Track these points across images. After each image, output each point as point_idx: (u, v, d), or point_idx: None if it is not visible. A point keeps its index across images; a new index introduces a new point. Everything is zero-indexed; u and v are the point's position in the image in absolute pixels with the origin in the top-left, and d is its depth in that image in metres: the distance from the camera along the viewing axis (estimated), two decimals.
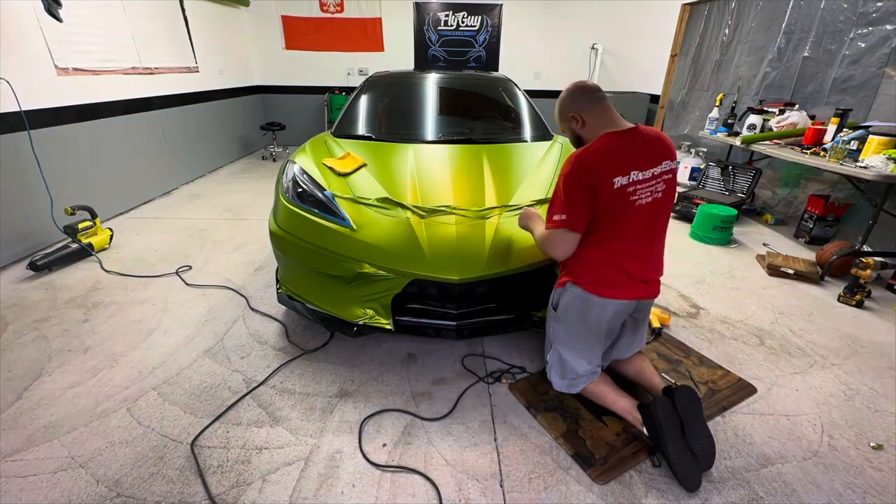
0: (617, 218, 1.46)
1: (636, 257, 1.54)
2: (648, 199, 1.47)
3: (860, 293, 2.59)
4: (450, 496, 1.41)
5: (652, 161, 1.46)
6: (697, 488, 1.44)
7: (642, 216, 1.48)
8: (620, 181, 1.41)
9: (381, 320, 1.85)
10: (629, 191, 1.43)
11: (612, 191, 1.41)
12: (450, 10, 6.49)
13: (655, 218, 1.52)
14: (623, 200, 1.44)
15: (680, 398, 1.52)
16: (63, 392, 1.82)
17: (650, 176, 1.45)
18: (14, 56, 2.91)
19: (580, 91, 1.55)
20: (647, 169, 1.45)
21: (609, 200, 1.43)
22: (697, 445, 1.46)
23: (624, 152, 1.43)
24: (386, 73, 3.65)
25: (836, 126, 3.06)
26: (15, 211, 2.94)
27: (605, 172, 1.41)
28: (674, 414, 1.49)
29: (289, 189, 2.16)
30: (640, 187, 1.44)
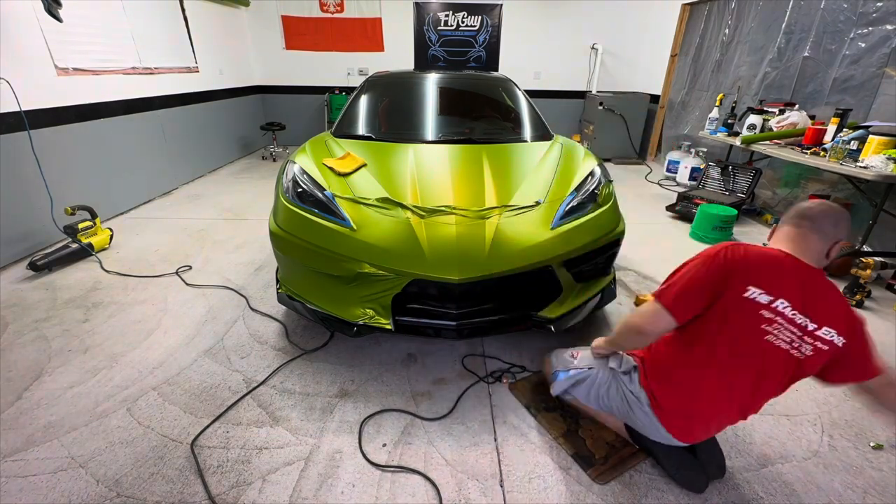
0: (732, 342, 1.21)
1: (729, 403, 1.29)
2: (784, 345, 1.18)
3: (860, 293, 2.58)
4: (450, 496, 1.41)
5: (811, 309, 1.17)
6: (702, 491, 1.44)
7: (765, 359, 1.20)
8: (756, 295, 1.16)
9: (381, 320, 1.85)
10: (762, 314, 1.17)
11: (741, 299, 1.17)
12: (450, 10, 6.49)
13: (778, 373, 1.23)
14: (748, 320, 1.18)
15: None
16: (63, 392, 1.82)
17: (800, 323, 1.16)
18: (14, 56, 2.91)
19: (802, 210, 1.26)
20: (800, 311, 1.16)
21: (728, 307, 1.19)
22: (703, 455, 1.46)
23: (784, 275, 1.18)
24: (386, 73, 3.65)
25: (836, 126, 3.06)
26: (15, 211, 2.94)
27: (743, 276, 1.18)
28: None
29: (289, 189, 2.16)
30: (779, 322, 1.17)
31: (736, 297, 1.18)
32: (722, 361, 1.24)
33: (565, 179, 2.25)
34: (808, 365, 1.20)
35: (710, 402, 1.29)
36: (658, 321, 1.27)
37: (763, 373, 1.23)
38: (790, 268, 1.19)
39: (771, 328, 1.17)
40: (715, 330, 1.22)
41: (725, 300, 1.19)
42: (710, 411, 1.31)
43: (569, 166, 2.39)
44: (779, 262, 1.19)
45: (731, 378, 1.25)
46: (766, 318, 1.17)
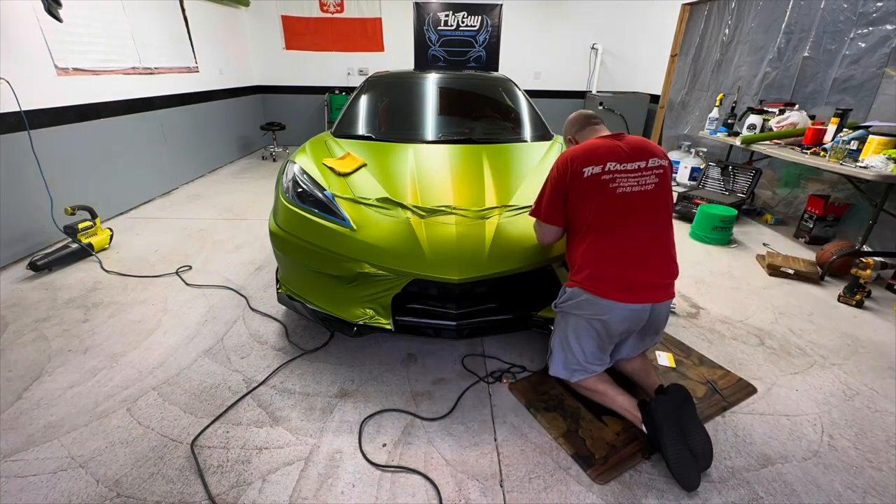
0: (601, 208, 1.55)
1: (639, 253, 1.55)
2: (635, 188, 1.54)
3: (860, 293, 2.59)
4: (450, 496, 1.41)
5: (634, 156, 1.56)
6: (696, 487, 1.44)
7: (628, 204, 1.55)
8: (592, 170, 1.54)
9: (381, 320, 1.85)
10: (604, 178, 1.54)
11: (583, 180, 1.55)
12: (450, 10, 6.49)
13: (648, 209, 1.57)
14: (599, 188, 1.54)
15: (675, 398, 1.53)
16: (63, 392, 1.82)
17: (634, 168, 1.55)
18: (14, 56, 2.91)
19: (575, 117, 1.83)
20: (628, 162, 1.55)
21: (581, 189, 1.56)
22: (695, 444, 1.46)
23: (602, 149, 1.58)
24: (386, 73, 3.65)
25: (836, 126, 3.06)
26: (15, 211, 2.94)
27: (577, 165, 1.56)
28: (674, 414, 1.50)
29: (289, 189, 2.16)
30: (621, 176, 1.54)
31: (580, 182, 1.56)
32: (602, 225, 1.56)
33: None
34: (660, 191, 1.59)
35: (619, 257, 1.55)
36: (549, 233, 1.72)
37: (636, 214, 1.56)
38: (604, 143, 1.61)
39: (615, 184, 1.54)
40: (583, 209, 1.58)
41: (575, 188, 1.57)
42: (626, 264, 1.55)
43: None
44: (593, 145, 1.62)
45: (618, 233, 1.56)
46: (607, 178, 1.54)
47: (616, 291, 1.54)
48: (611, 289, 1.54)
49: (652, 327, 1.69)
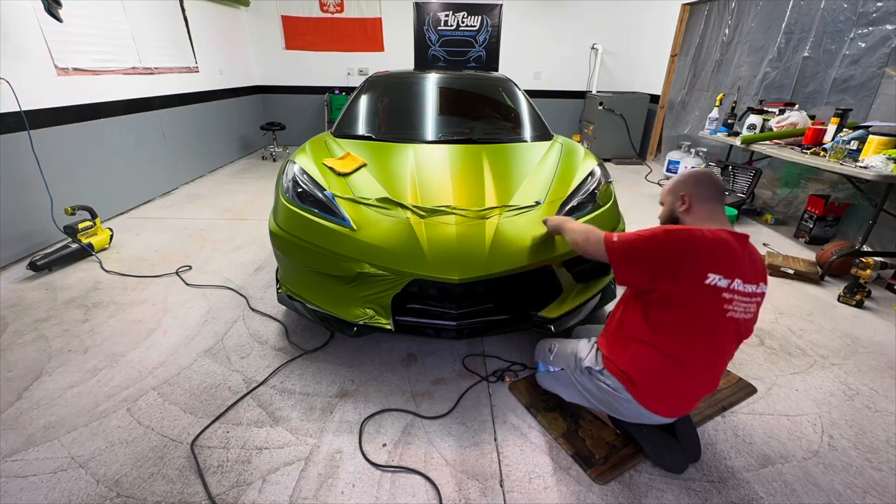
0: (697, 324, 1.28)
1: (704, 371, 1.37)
2: (741, 315, 1.28)
3: (860, 293, 2.59)
4: (450, 496, 1.41)
5: (755, 276, 1.29)
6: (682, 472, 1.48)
7: (729, 330, 1.30)
8: (717, 281, 1.23)
9: (381, 320, 1.85)
10: (724, 297, 1.25)
11: (703, 286, 1.24)
12: (450, 10, 6.49)
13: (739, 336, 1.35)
14: (713, 305, 1.26)
15: None
16: (63, 392, 1.82)
17: (750, 292, 1.28)
18: (14, 56, 2.91)
19: (707, 181, 1.44)
20: (751, 283, 1.27)
21: (692, 293, 1.26)
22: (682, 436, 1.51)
23: (734, 255, 1.27)
24: (386, 73, 3.64)
25: (836, 126, 3.06)
26: (15, 211, 2.94)
27: (703, 264, 1.24)
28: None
29: (289, 189, 2.16)
30: (738, 299, 1.26)
31: (698, 284, 1.25)
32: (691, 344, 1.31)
33: (565, 179, 2.25)
34: (752, 320, 1.33)
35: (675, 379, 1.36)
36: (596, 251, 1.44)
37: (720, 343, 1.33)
38: (737, 246, 1.29)
39: (731, 306, 1.27)
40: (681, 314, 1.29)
41: (686, 288, 1.26)
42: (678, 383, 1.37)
43: (569, 166, 2.39)
44: (729, 243, 1.28)
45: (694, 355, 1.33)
46: (726, 297, 1.26)
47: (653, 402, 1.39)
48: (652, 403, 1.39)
49: None
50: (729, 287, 1.24)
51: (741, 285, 1.25)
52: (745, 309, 1.28)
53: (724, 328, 1.29)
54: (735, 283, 1.25)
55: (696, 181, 1.44)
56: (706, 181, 1.43)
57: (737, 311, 1.27)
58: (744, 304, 1.28)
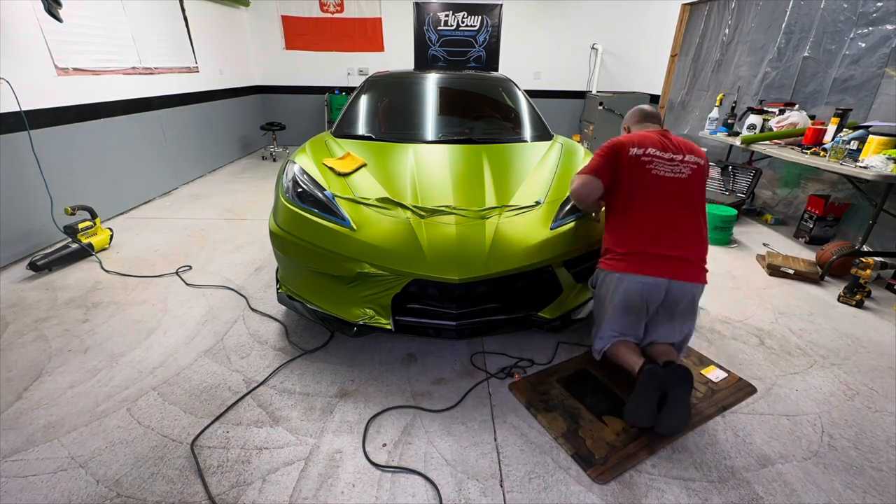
0: (633, 182, 1.76)
1: (659, 228, 1.73)
2: (668, 173, 1.74)
3: (860, 293, 2.59)
4: (450, 496, 1.41)
5: (674, 149, 1.78)
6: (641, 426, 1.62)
7: (662, 186, 1.74)
8: (635, 151, 1.76)
9: (381, 320, 1.85)
10: (643, 160, 1.75)
11: (628, 157, 1.77)
12: (450, 10, 6.49)
13: (680, 194, 1.75)
14: (639, 167, 1.75)
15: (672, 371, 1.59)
16: (63, 392, 1.82)
17: (670, 157, 1.75)
18: (14, 56, 2.91)
19: (636, 111, 2.03)
20: (667, 151, 1.76)
21: (625, 165, 1.77)
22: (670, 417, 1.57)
23: (647, 138, 1.80)
24: (386, 73, 3.65)
25: (836, 126, 3.06)
26: (15, 211, 2.94)
27: (625, 145, 1.79)
28: (656, 382, 1.59)
29: (289, 189, 2.16)
30: (658, 160, 1.75)
31: (625, 159, 1.78)
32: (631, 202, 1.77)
33: (565, 179, 2.25)
34: (692, 182, 1.77)
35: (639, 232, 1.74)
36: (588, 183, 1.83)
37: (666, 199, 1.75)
38: (651, 134, 1.83)
39: (652, 165, 1.75)
40: (621, 184, 1.79)
41: (620, 166, 1.78)
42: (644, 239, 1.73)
43: (569, 166, 2.39)
44: (641, 134, 1.85)
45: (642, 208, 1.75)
46: (646, 160, 1.76)
47: (628, 265, 1.72)
48: (624, 264, 1.73)
49: (678, 307, 1.75)
50: (644, 153, 1.76)
51: (656, 151, 1.76)
52: (670, 169, 1.75)
53: (655, 183, 1.75)
54: (649, 150, 1.76)
55: (630, 115, 2.04)
56: (635, 112, 2.03)
57: (659, 169, 1.74)
58: (667, 165, 1.75)
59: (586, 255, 1.98)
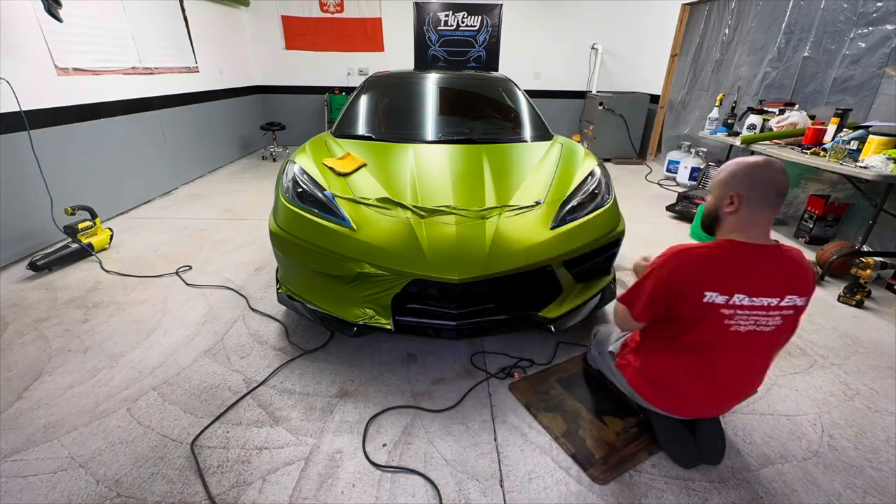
0: (702, 336, 1.31)
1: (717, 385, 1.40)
2: (751, 327, 1.27)
3: (860, 293, 2.58)
4: (450, 496, 1.41)
5: (771, 290, 1.24)
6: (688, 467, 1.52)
7: (738, 344, 1.30)
8: (714, 298, 1.24)
9: (381, 320, 1.85)
10: (723, 312, 1.25)
11: (699, 303, 1.26)
12: (450, 10, 6.49)
13: (756, 350, 1.33)
14: (711, 319, 1.27)
15: None
16: (63, 392, 1.81)
17: (762, 305, 1.24)
18: (14, 56, 2.91)
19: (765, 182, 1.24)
20: (760, 296, 1.24)
21: (691, 309, 1.28)
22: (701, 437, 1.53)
23: (737, 269, 1.25)
24: (386, 73, 3.65)
25: (836, 126, 3.06)
26: (15, 211, 2.94)
27: (699, 283, 1.25)
28: None
29: (289, 189, 2.16)
30: (741, 313, 1.25)
31: (694, 302, 1.27)
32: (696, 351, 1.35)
33: (565, 179, 2.25)
34: (780, 331, 1.30)
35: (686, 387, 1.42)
36: (632, 326, 1.47)
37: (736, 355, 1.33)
38: (745, 260, 1.25)
39: (733, 321, 1.26)
40: (682, 330, 1.34)
41: (685, 306, 1.29)
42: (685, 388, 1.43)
43: (569, 166, 2.39)
44: (727, 259, 1.26)
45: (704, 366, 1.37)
46: (727, 314, 1.26)
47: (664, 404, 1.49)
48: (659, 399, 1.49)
49: None
50: (728, 303, 1.24)
51: (745, 300, 1.23)
52: (755, 322, 1.26)
53: (731, 342, 1.29)
54: (735, 298, 1.23)
55: (755, 181, 1.24)
56: (766, 182, 1.24)
57: (742, 324, 1.26)
58: (753, 317, 1.25)
59: (586, 254, 1.97)
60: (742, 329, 1.27)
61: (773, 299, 1.24)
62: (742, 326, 1.27)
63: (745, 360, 1.35)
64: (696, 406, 1.48)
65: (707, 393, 1.41)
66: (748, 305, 1.24)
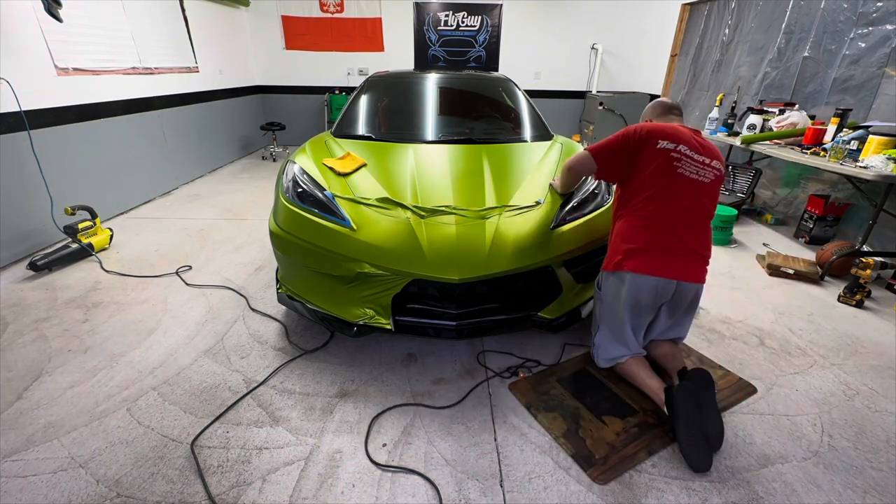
0: (655, 177, 1.68)
1: (673, 224, 1.68)
2: (694, 175, 1.68)
3: (860, 293, 2.58)
4: (450, 496, 1.41)
5: (702, 151, 1.71)
6: (705, 469, 1.50)
7: (684, 186, 1.67)
8: (665, 144, 1.68)
9: (381, 320, 1.85)
10: (672, 155, 1.67)
11: (655, 150, 1.68)
12: (450, 10, 6.49)
13: (698, 196, 1.70)
14: (664, 161, 1.67)
15: (697, 383, 1.61)
16: (63, 392, 1.82)
17: (699, 160, 1.69)
18: (14, 56, 2.91)
19: (658, 104, 1.96)
20: (697, 153, 1.69)
21: (650, 157, 1.69)
22: (710, 427, 1.55)
23: (680, 133, 1.71)
24: (386, 73, 3.65)
25: (836, 126, 3.06)
26: (15, 211, 2.94)
27: (653, 135, 1.69)
28: (693, 398, 1.57)
29: (289, 189, 2.16)
30: (686, 160, 1.67)
31: (651, 149, 1.69)
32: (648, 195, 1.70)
33: None
34: (711, 189, 1.72)
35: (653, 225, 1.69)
36: (584, 163, 1.84)
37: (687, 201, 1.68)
38: (683, 130, 1.75)
39: (680, 164, 1.67)
40: (639, 177, 1.72)
41: (644, 155, 1.70)
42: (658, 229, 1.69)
43: None
44: (675, 128, 1.74)
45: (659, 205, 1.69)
46: (674, 156, 1.68)
47: (638, 262, 1.68)
48: (634, 262, 1.68)
49: (681, 304, 1.79)
50: (675, 149, 1.67)
51: (687, 150, 1.67)
52: (696, 172, 1.68)
53: (679, 182, 1.67)
54: (680, 146, 1.67)
55: (652, 107, 1.97)
56: (657, 105, 1.96)
57: (686, 169, 1.67)
58: (694, 166, 1.67)
59: (586, 255, 1.97)
60: (687, 174, 1.67)
61: (705, 158, 1.70)
62: (687, 172, 1.67)
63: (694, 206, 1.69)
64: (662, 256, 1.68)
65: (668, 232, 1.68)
66: (689, 155, 1.68)
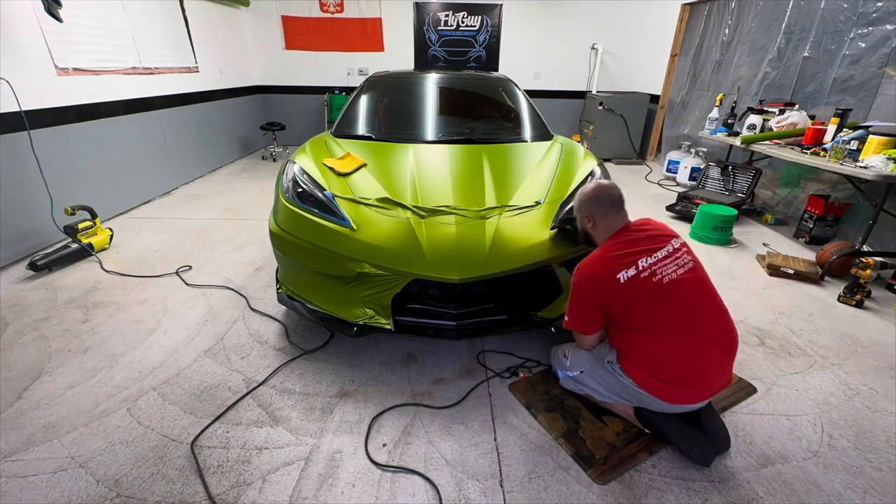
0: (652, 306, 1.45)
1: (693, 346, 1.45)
2: (675, 274, 1.46)
3: (860, 293, 2.58)
4: (450, 496, 1.41)
5: (657, 243, 1.51)
6: (709, 464, 1.52)
7: (677, 293, 1.45)
8: (626, 274, 1.45)
9: (381, 320, 1.85)
10: (642, 277, 1.44)
11: (620, 287, 1.44)
12: (450, 10, 6.49)
13: (696, 296, 1.48)
14: (641, 289, 1.44)
15: None
16: (63, 392, 1.81)
17: (664, 256, 1.48)
18: (14, 56, 2.91)
19: (604, 198, 1.61)
20: (655, 252, 1.48)
21: (623, 296, 1.45)
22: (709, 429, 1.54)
23: (624, 247, 1.51)
24: (386, 73, 3.65)
25: (836, 126, 3.06)
26: (15, 211, 2.94)
27: (608, 275, 1.47)
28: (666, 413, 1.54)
29: (289, 189, 2.16)
30: (656, 268, 1.46)
31: (617, 289, 1.45)
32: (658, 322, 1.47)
33: (565, 179, 2.25)
34: (698, 269, 1.52)
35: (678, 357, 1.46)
36: (589, 340, 1.67)
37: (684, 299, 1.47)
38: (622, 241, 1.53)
39: (656, 276, 1.45)
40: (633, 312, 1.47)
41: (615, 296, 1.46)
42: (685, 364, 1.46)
43: (569, 166, 2.39)
44: (613, 246, 1.53)
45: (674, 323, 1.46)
46: (645, 276, 1.45)
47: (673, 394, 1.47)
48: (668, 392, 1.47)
49: None
50: (639, 270, 1.45)
51: (648, 259, 1.47)
52: (673, 270, 1.47)
53: (672, 290, 1.45)
54: (640, 263, 1.46)
55: (595, 202, 1.62)
56: (603, 199, 1.61)
57: (665, 274, 1.46)
58: (666, 265, 1.47)
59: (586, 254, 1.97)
60: (668, 277, 1.45)
61: (666, 248, 1.50)
62: (666, 276, 1.45)
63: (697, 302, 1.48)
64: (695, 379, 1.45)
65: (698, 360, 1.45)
66: (654, 261, 1.47)
